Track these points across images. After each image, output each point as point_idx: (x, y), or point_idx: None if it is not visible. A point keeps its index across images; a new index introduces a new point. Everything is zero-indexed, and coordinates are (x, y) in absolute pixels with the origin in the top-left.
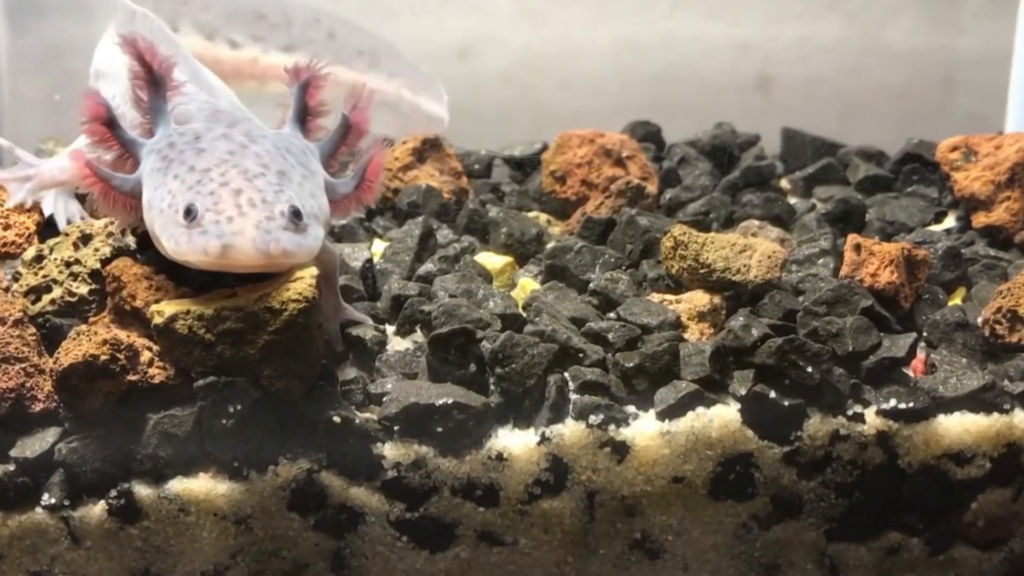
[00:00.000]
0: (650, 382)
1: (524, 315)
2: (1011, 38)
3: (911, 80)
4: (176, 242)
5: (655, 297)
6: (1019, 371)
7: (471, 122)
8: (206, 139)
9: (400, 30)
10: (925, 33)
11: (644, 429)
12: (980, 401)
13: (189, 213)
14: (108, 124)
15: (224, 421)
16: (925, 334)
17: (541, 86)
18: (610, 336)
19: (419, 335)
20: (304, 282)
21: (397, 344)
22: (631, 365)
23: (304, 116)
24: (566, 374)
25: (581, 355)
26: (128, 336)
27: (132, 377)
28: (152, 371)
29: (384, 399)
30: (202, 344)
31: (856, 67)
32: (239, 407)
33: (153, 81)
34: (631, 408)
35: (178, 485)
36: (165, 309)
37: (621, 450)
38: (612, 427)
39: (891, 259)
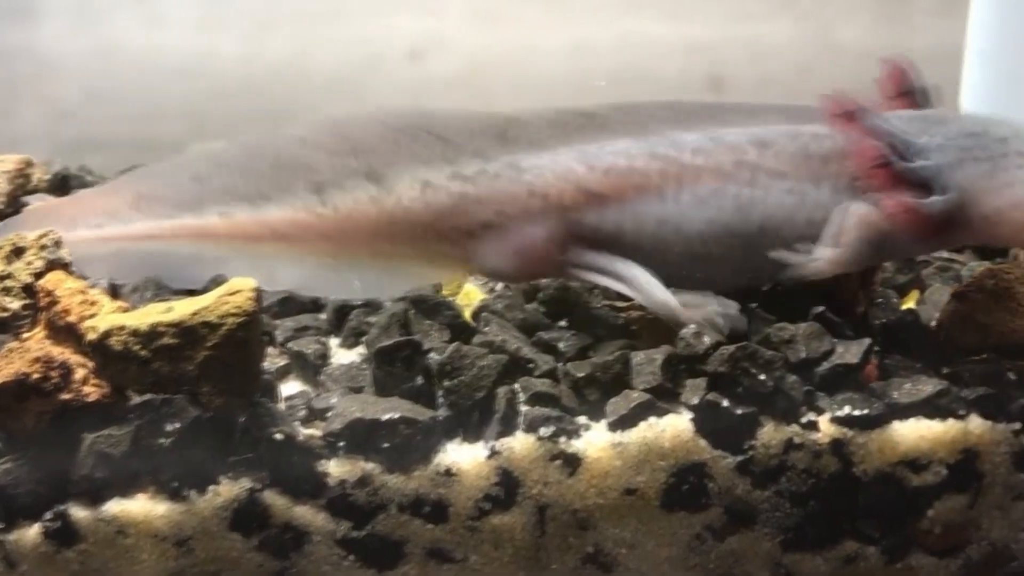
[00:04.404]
0: (601, 392)
1: (473, 325)
2: (962, 37)
3: (863, 79)
4: None
5: (606, 305)
6: (974, 376)
7: None
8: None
9: (349, 32)
10: (876, 33)
11: (595, 440)
12: (935, 407)
13: None
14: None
15: (162, 440)
16: (879, 338)
17: (493, 88)
18: (561, 345)
19: (364, 347)
20: (243, 295)
21: (342, 357)
22: (582, 375)
23: None
24: (516, 385)
25: (531, 365)
26: (62, 353)
27: (66, 396)
28: (87, 389)
29: (328, 414)
30: (138, 361)
31: (807, 67)
32: (177, 425)
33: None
34: (582, 419)
35: (116, 506)
36: (99, 324)
37: (572, 462)
38: (563, 439)
39: None
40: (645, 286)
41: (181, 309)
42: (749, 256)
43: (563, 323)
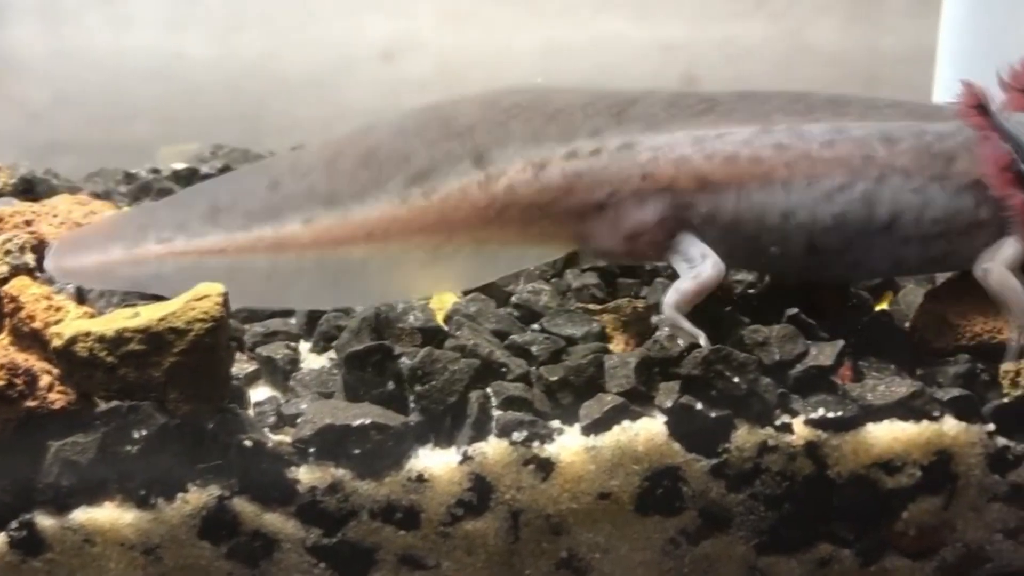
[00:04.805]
0: (575, 396)
1: (445, 329)
2: (935, 37)
3: (836, 79)
4: None
5: (579, 308)
6: (948, 377)
7: None
8: None
9: (321, 33)
10: (849, 33)
11: (569, 445)
12: (909, 408)
13: None
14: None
15: (129, 447)
16: (852, 340)
17: (466, 89)
18: (533, 349)
19: (334, 352)
20: (211, 300)
21: (312, 362)
22: (555, 379)
23: None
24: (488, 390)
25: (504, 370)
26: (27, 360)
27: (31, 403)
28: (52, 396)
29: (298, 420)
30: (104, 367)
31: (781, 67)
32: (145, 432)
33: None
34: (555, 423)
35: (82, 515)
36: (65, 331)
37: (546, 467)
38: (536, 444)
39: None
40: (685, 290)
41: (148, 315)
42: (866, 252)
43: (536, 326)
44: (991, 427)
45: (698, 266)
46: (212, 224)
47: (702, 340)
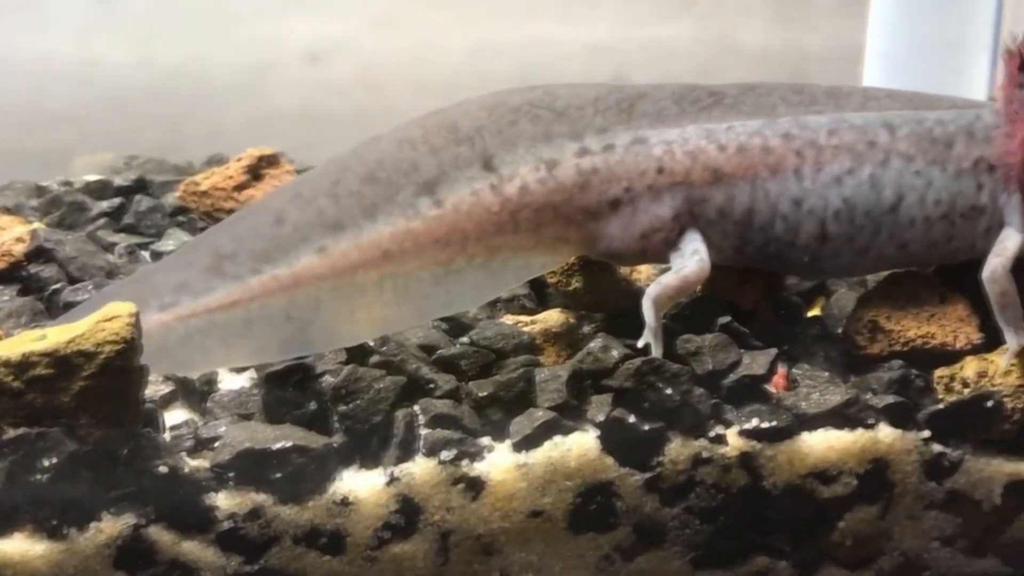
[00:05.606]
0: (505, 411)
1: (370, 345)
2: (863, 36)
3: (763, 79)
4: None
5: (509, 319)
6: (882, 383)
7: (323, 130)
8: None
9: (246, 36)
10: (777, 33)
11: (499, 462)
12: (844, 416)
13: None
14: None
15: (38, 476)
16: (785, 348)
17: (394, 91)
18: (462, 363)
19: (253, 372)
20: (120, 321)
21: (230, 382)
22: (484, 394)
23: None
24: (415, 407)
25: (431, 386)
26: None
27: None
28: None
29: (216, 444)
30: (9, 393)
31: (709, 67)
32: (54, 460)
33: None
34: (485, 440)
35: None
36: None
37: (475, 486)
38: (465, 462)
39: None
40: (666, 284)
41: (55, 337)
42: (874, 236)
43: (465, 339)
44: (926, 434)
45: (686, 262)
46: (218, 276)
47: (654, 349)
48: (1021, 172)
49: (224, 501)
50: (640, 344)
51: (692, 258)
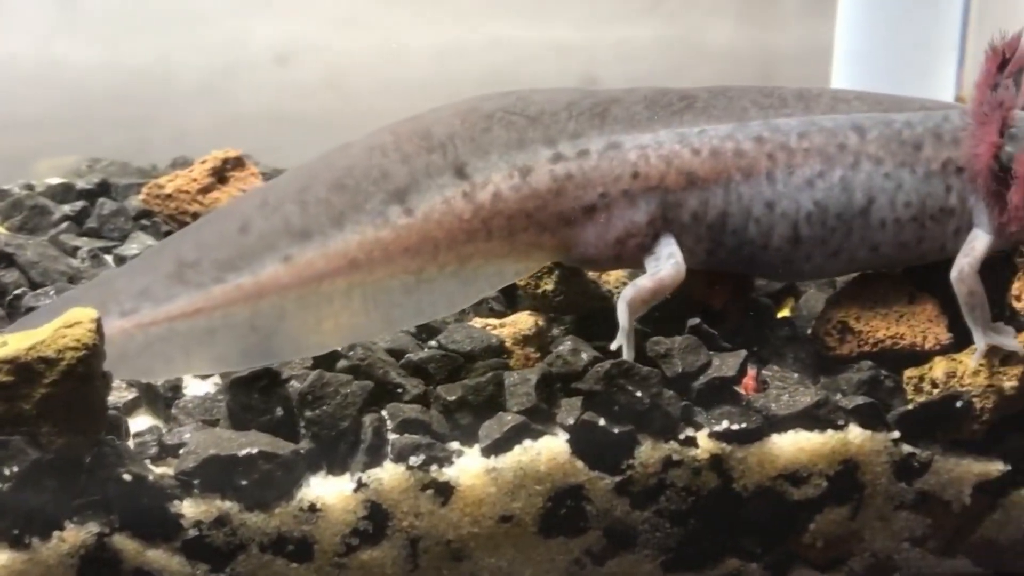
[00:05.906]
0: (474, 415)
1: (337, 349)
2: (831, 36)
3: (731, 79)
4: None
5: (478, 322)
6: (852, 384)
7: (290, 132)
8: None
9: (213, 36)
10: (745, 33)
11: (469, 467)
12: (814, 418)
13: None
14: None
15: (0, 485)
16: (755, 349)
17: (360, 92)
18: (431, 367)
19: (219, 377)
20: (82, 327)
21: (195, 388)
22: (453, 398)
23: None
24: (383, 412)
25: (400, 390)
26: None
27: None
28: None
29: (181, 451)
30: None
31: (677, 67)
32: (16, 469)
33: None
34: (454, 445)
35: None
36: None
37: (445, 491)
38: (434, 467)
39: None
40: (641, 287)
41: (15, 344)
42: (846, 237)
43: (433, 343)
44: (896, 434)
45: (661, 265)
46: (181, 283)
47: (625, 352)
48: (988, 174)
49: (189, 509)
50: (613, 346)
51: (668, 262)
